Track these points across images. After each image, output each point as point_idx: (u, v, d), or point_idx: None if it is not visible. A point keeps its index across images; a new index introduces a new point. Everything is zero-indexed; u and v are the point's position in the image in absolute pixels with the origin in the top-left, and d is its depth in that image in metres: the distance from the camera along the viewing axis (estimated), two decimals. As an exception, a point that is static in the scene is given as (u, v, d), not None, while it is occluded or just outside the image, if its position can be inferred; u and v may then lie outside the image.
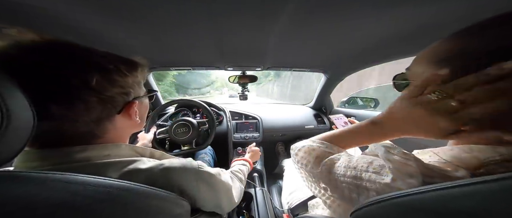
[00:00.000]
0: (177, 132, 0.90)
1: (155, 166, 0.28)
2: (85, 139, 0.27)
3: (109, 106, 0.27)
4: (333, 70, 1.06)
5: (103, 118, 0.27)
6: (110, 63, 0.27)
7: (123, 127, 0.31)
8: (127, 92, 0.30)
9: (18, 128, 0.17)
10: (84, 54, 0.26)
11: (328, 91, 1.33)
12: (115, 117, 0.29)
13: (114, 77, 0.27)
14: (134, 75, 0.31)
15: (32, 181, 0.17)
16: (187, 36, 0.55)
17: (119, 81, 0.28)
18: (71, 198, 0.17)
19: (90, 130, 0.26)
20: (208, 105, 1.10)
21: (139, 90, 0.33)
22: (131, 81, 0.30)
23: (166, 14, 0.42)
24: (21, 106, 0.18)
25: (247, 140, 1.18)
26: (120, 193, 0.21)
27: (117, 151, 0.28)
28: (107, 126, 0.28)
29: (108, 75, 0.26)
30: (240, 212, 0.72)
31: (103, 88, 0.26)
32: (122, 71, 0.28)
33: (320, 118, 1.41)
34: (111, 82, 0.27)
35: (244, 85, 1.12)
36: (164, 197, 0.25)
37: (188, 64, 0.92)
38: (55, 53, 0.23)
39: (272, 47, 0.66)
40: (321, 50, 0.73)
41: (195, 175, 0.31)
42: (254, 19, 0.44)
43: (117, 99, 0.28)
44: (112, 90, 0.27)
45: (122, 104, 0.30)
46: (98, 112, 0.26)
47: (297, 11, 0.41)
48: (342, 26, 0.49)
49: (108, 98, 0.27)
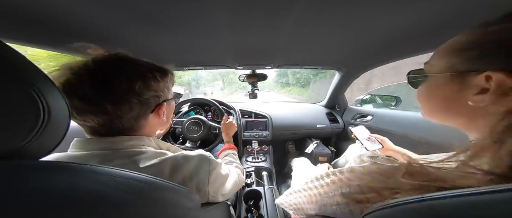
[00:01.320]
0: (189, 129, 0.95)
1: (177, 155, 0.34)
2: (127, 131, 0.33)
3: (145, 107, 0.33)
4: (348, 67, 1.00)
5: (140, 115, 0.33)
6: (149, 71, 0.33)
7: (154, 124, 0.38)
8: (158, 96, 0.35)
9: (56, 123, 0.20)
10: (133, 65, 0.32)
11: (343, 89, 1.26)
12: (148, 116, 0.35)
13: (150, 83, 0.33)
14: (165, 81, 0.37)
15: (69, 171, 0.19)
16: (201, 37, 0.57)
17: (153, 86, 0.34)
18: (100, 188, 0.19)
19: (132, 125, 0.33)
20: (219, 104, 1.13)
21: (168, 93, 0.39)
22: (162, 86, 0.36)
23: (182, 18, 0.44)
24: (59, 105, 0.20)
25: (257, 138, 1.19)
26: (141, 185, 0.23)
27: (148, 142, 0.36)
28: (142, 123, 0.35)
29: (147, 81, 0.32)
30: (249, 210, 0.73)
31: (143, 92, 0.32)
32: (156, 78, 0.34)
33: (333, 117, 1.36)
34: (148, 87, 0.33)
35: (254, 84, 1.12)
36: (178, 190, 0.28)
37: (200, 64, 0.95)
38: (113, 65, 0.30)
39: (283, 45, 0.65)
40: (335, 46, 0.69)
41: (208, 163, 0.37)
42: (264, 17, 0.44)
43: (151, 101, 0.34)
44: (148, 94, 0.33)
45: (154, 106, 0.35)
46: (137, 111, 0.32)
47: (308, 7, 0.39)
48: (357, 19, 0.46)
49: (145, 100, 0.33)
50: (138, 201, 0.22)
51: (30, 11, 0.39)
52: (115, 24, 0.46)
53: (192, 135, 0.94)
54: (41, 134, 0.18)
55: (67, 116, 0.22)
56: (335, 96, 1.32)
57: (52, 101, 0.19)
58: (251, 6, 0.39)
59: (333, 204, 0.26)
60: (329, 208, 0.27)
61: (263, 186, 0.85)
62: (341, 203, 0.25)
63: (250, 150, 1.16)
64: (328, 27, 0.50)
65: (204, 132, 0.94)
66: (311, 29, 0.51)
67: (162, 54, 0.72)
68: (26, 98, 0.17)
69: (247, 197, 0.78)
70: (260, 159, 1.10)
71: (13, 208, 0.14)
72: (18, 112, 0.17)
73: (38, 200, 0.15)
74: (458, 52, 0.22)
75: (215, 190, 0.39)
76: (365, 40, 0.61)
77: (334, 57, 0.84)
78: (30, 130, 0.17)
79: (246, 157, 1.11)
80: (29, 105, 0.17)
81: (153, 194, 0.24)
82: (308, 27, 0.50)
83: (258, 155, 1.13)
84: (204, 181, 0.36)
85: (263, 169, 1.01)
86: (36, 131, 0.18)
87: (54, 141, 0.21)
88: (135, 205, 0.21)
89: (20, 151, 0.17)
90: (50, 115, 0.18)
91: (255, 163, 1.06)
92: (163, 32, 0.53)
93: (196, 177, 0.34)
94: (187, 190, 0.30)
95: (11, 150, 0.17)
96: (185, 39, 0.58)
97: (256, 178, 0.92)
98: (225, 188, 0.43)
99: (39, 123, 0.18)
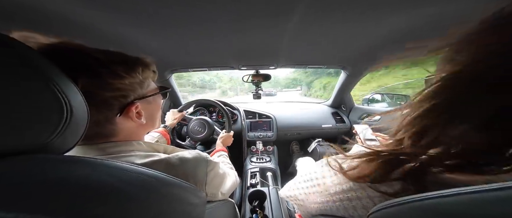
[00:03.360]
0: (194, 129, 0.96)
1: (171, 156, 0.31)
2: (95, 138, 0.28)
3: (104, 110, 0.27)
4: (353, 66, 0.98)
5: (101, 120, 0.28)
6: (103, 66, 0.26)
7: (129, 127, 0.31)
8: (124, 95, 0.29)
9: (78, 121, 0.21)
10: (78, 57, 0.24)
11: (348, 89, 1.23)
12: (114, 119, 0.29)
13: (106, 81, 0.26)
14: (133, 76, 0.30)
15: (85, 164, 0.20)
16: (206, 38, 0.58)
17: (115, 85, 0.27)
18: (110, 179, 0.20)
19: (96, 131, 0.28)
20: (223, 104, 1.14)
21: (141, 90, 0.32)
22: (129, 82, 0.29)
23: (187, 19, 0.45)
24: (80, 103, 0.22)
25: (261, 139, 1.19)
26: (149, 180, 0.24)
27: (138, 146, 0.32)
28: (109, 127, 0.29)
29: (98, 78, 0.25)
30: (253, 210, 0.73)
31: (94, 92, 0.25)
32: (118, 73, 0.27)
33: (339, 116, 1.33)
34: (101, 86, 0.26)
35: (258, 84, 1.12)
36: (184, 187, 0.28)
37: (205, 65, 0.96)
38: (50, 56, 0.22)
39: (287, 45, 0.64)
40: (339, 45, 0.68)
41: (205, 164, 0.35)
42: (268, 17, 0.44)
43: (112, 102, 0.28)
44: (104, 94, 0.26)
45: (119, 107, 0.29)
46: (95, 115, 0.25)
47: (312, 6, 0.39)
48: (363, 17, 0.45)
49: (101, 102, 0.26)
50: (148, 195, 0.23)
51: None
52: (117, 25, 0.47)
53: (196, 135, 0.96)
54: (65, 131, 0.20)
55: (86, 115, 0.23)
56: (340, 95, 1.29)
57: (73, 101, 0.20)
58: (254, 6, 0.39)
59: (336, 200, 0.26)
60: (331, 204, 0.27)
61: (267, 187, 0.85)
62: (344, 200, 0.25)
63: (254, 150, 1.16)
64: (333, 25, 0.49)
65: (207, 133, 0.95)
66: (316, 28, 0.50)
67: (167, 56, 0.73)
68: (52, 99, 0.18)
69: (252, 197, 0.78)
70: (264, 159, 1.09)
71: (40, 193, 0.16)
72: (45, 111, 0.18)
73: (59, 188, 0.17)
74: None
75: (214, 190, 0.38)
76: (371, 38, 0.60)
77: (339, 56, 0.83)
78: (55, 127, 0.19)
79: (251, 158, 1.12)
80: (54, 105, 0.19)
81: (162, 189, 0.24)
82: (313, 26, 0.49)
83: (262, 156, 1.12)
84: (201, 181, 0.34)
85: (267, 170, 1.00)
86: (60, 129, 0.19)
87: (74, 138, 0.22)
88: (145, 198, 0.22)
89: (46, 146, 0.19)
90: (72, 114, 0.20)
91: (259, 164, 1.06)
92: (166, 34, 0.53)
93: (192, 178, 0.32)
94: (193, 187, 0.30)
95: (38, 145, 0.18)
96: (189, 40, 0.59)
97: (261, 178, 0.91)
98: (224, 187, 0.42)
99: (63, 122, 0.19)
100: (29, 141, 0.18)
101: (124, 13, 0.42)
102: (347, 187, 0.24)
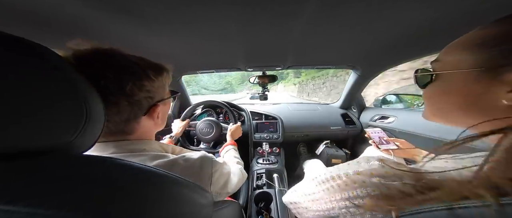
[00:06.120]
0: (202, 130, 0.99)
1: (178, 157, 0.33)
2: (119, 135, 0.31)
3: (136, 109, 0.30)
4: (364, 66, 0.95)
5: (131, 119, 0.31)
6: (142, 69, 0.30)
7: (148, 126, 0.35)
8: (152, 96, 0.32)
9: (95, 122, 0.23)
10: (123, 62, 0.28)
11: (359, 89, 1.19)
12: (140, 118, 0.32)
13: (143, 83, 0.30)
14: (160, 80, 0.33)
15: (103, 163, 0.22)
16: (215, 40, 0.59)
17: (146, 86, 0.30)
18: (122, 177, 0.21)
19: (121, 129, 0.31)
20: (230, 106, 1.15)
21: (163, 93, 0.36)
22: (156, 85, 0.33)
23: (197, 22, 0.46)
24: (97, 105, 0.23)
25: (267, 140, 1.18)
26: (159, 179, 0.24)
27: (150, 145, 0.34)
28: (133, 126, 0.32)
29: (139, 81, 0.29)
30: (259, 212, 0.72)
31: (134, 93, 0.29)
32: (150, 76, 0.31)
33: (349, 118, 1.28)
34: (140, 87, 0.29)
35: (264, 85, 1.12)
36: (192, 187, 0.29)
37: (213, 67, 0.98)
38: (99, 62, 0.26)
39: (295, 45, 0.63)
40: (350, 45, 0.66)
41: (210, 164, 0.37)
42: (276, 17, 0.43)
43: (143, 103, 0.31)
44: (140, 95, 0.30)
45: (147, 107, 0.32)
46: (127, 114, 0.29)
47: (321, 5, 0.38)
48: (375, 16, 0.43)
49: (136, 102, 0.30)
50: (157, 194, 0.23)
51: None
52: (129, 30, 0.48)
53: (206, 136, 0.98)
54: (85, 132, 0.21)
55: (102, 117, 0.24)
56: (351, 96, 1.25)
57: (91, 103, 0.22)
58: (262, 6, 0.38)
59: (341, 207, 0.25)
60: (337, 211, 0.26)
61: (274, 188, 0.84)
62: (350, 207, 0.23)
63: (261, 151, 1.15)
64: (343, 25, 0.48)
65: (216, 133, 0.97)
66: (325, 27, 0.49)
67: (178, 59, 0.76)
68: (75, 101, 0.20)
69: (258, 199, 0.78)
70: (271, 161, 1.08)
71: (62, 185, 0.18)
72: (69, 112, 0.20)
73: (78, 182, 0.18)
74: (485, 46, 0.20)
75: (219, 189, 0.39)
76: (382, 37, 0.57)
77: (349, 56, 0.80)
78: (75, 128, 0.20)
79: (257, 159, 1.11)
80: (76, 107, 0.20)
81: (171, 188, 0.25)
82: (322, 26, 0.48)
83: (269, 157, 1.11)
84: (207, 181, 0.35)
85: (274, 171, 0.99)
86: (80, 129, 0.20)
87: (92, 139, 0.24)
88: (154, 197, 0.23)
89: (68, 145, 0.20)
90: (91, 115, 0.21)
91: (266, 165, 1.05)
92: (177, 38, 0.55)
93: (198, 178, 0.33)
94: (201, 187, 0.30)
95: (62, 144, 0.20)
96: (199, 43, 0.61)
97: (267, 180, 0.91)
98: (230, 186, 0.43)
99: (83, 122, 0.20)
100: (54, 141, 0.19)
101: (137, 19, 0.44)
102: (353, 194, 0.23)
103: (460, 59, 0.22)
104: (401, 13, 0.43)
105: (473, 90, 0.21)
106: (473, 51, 0.21)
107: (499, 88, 0.19)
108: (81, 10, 0.38)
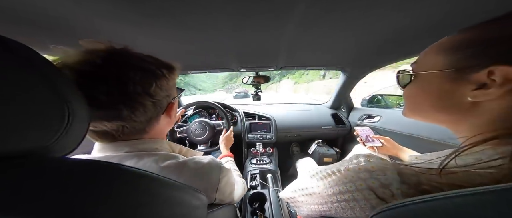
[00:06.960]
0: (195, 132, 0.96)
1: (189, 160, 0.33)
2: (138, 134, 0.32)
3: (158, 108, 0.32)
4: (352, 67, 0.99)
5: (153, 118, 0.32)
6: (159, 69, 0.31)
7: (164, 124, 0.36)
8: (169, 95, 0.34)
9: (78, 126, 0.21)
10: (144, 63, 0.29)
11: (348, 90, 1.24)
12: (160, 117, 0.33)
13: (162, 83, 0.31)
14: (173, 78, 0.34)
15: (90, 167, 0.20)
16: (207, 41, 0.58)
17: (165, 86, 0.32)
18: (116, 182, 0.20)
19: (143, 127, 0.31)
20: (223, 106, 1.14)
21: (175, 91, 0.37)
22: (171, 84, 0.34)
23: (188, 22, 0.45)
24: (81, 107, 0.22)
25: (261, 141, 1.18)
26: (153, 183, 0.24)
27: (161, 144, 0.35)
28: (154, 124, 0.33)
29: (159, 81, 0.30)
30: (254, 212, 0.72)
31: (156, 93, 0.30)
32: (166, 76, 0.32)
33: (339, 118, 1.33)
34: (160, 87, 0.31)
35: (258, 86, 1.13)
36: (184, 189, 0.28)
37: (204, 68, 0.97)
38: (124, 63, 0.27)
39: (286, 46, 0.65)
40: (338, 47, 0.69)
41: (219, 170, 0.37)
42: (267, 19, 0.44)
43: (163, 102, 0.32)
44: (161, 94, 0.31)
45: (166, 105, 0.34)
46: (150, 113, 0.30)
47: (311, 8, 0.39)
48: (361, 19, 0.46)
49: (158, 101, 0.31)
50: (147, 198, 0.23)
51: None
52: (116, 26, 0.46)
53: (199, 138, 0.95)
54: (66, 134, 0.20)
55: (86, 120, 0.23)
56: (340, 97, 1.30)
57: (74, 105, 0.20)
58: (253, 8, 0.39)
59: (334, 201, 0.26)
60: (330, 205, 0.27)
61: (268, 189, 0.84)
62: (342, 201, 0.24)
63: (254, 152, 1.15)
64: (332, 27, 0.50)
65: (210, 133, 0.95)
66: (315, 30, 0.51)
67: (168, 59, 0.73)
68: (55, 102, 0.19)
69: (252, 199, 0.78)
70: (264, 161, 1.09)
71: (35, 192, 0.16)
72: (47, 114, 0.18)
73: (54, 188, 0.17)
74: (456, 50, 0.22)
75: (223, 196, 0.38)
76: (369, 40, 0.61)
77: (338, 58, 0.84)
78: (56, 130, 0.19)
79: (251, 159, 1.11)
80: (56, 108, 0.19)
81: (162, 190, 0.24)
82: (312, 28, 0.50)
83: (262, 157, 1.12)
84: (213, 187, 0.35)
85: (267, 171, 1.00)
86: (61, 132, 0.19)
87: (74, 142, 0.22)
88: (144, 201, 0.22)
89: (47, 149, 0.19)
90: (74, 118, 0.20)
91: (259, 165, 1.05)
92: (167, 37, 0.54)
93: (205, 182, 0.34)
94: (193, 189, 0.30)
95: (40, 148, 0.19)
96: (190, 43, 0.60)
97: (261, 180, 0.91)
98: (235, 195, 0.44)
99: (64, 125, 0.19)
100: (30, 144, 0.18)
101: (126, 16, 0.42)
102: (343, 189, 0.24)
103: (436, 61, 0.24)
104: (385, 19, 0.46)
105: (445, 89, 0.23)
106: (447, 53, 0.23)
107: (466, 87, 0.21)
108: (70, 9, 0.37)
